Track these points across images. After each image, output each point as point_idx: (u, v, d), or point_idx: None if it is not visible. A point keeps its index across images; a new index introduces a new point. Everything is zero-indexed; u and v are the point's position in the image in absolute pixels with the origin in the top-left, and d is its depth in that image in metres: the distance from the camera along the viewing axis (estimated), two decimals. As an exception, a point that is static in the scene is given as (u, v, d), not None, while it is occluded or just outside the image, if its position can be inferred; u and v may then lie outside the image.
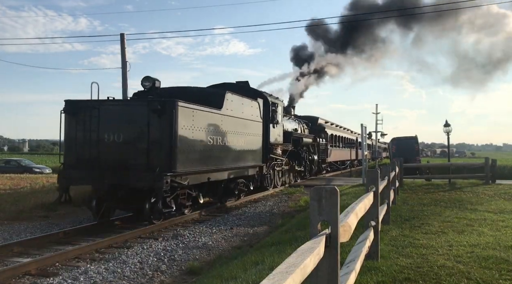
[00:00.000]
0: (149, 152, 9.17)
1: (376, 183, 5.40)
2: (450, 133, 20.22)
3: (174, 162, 9.20)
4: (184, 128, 9.58)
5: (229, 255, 7.49)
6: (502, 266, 5.07)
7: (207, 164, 10.75)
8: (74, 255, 7.16)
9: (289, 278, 1.71)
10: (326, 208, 2.52)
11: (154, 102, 9.21)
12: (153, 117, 9.16)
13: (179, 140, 9.30)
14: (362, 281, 4.47)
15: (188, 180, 9.84)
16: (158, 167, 8.84)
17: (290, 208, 13.30)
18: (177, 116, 9.21)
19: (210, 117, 11.01)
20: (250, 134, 13.74)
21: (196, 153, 10.17)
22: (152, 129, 9.20)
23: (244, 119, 13.25)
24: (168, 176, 8.91)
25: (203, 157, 10.48)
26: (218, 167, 11.38)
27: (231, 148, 12.23)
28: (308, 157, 22.62)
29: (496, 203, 11.16)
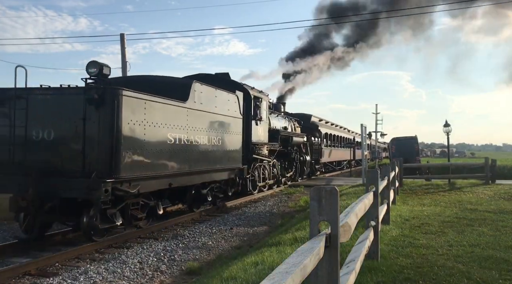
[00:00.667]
0: (85, 153, 7.47)
1: (376, 183, 5.40)
2: (450, 133, 20.23)
3: (117, 165, 7.48)
4: (132, 123, 7.87)
5: (229, 255, 7.50)
6: (502, 266, 5.08)
7: (168, 168, 9.04)
8: (74, 255, 7.15)
9: (289, 278, 1.71)
10: (326, 208, 2.52)
11: (91, 90, 7.54)
12: (90, 109, 7.49)
13: (123, 138, 7.61)
14: (362, 281, 4.47)
15: (139, 187, 8.11)
16: (95, 172, 7.21)
17: (290, 208, 13.31)
18: (120, 108, 7.51)
19: (171, 110, 9.19)
20: (226, 131, 11.97)
21: (151, 154, 8.42)
22: (89, 125, 7.51)
23: (218, 114, 11.44)
24: (108, 183, 7.24)
25: (161, 159, 8.77)
26: (183, 170, 9.60)
27: (201, 148, 10.45)
28: (300, 158, 21.06)
29: (496, 203, 11.16)
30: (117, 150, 7.52)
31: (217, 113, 11.46)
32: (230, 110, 12.28)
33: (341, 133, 34.79)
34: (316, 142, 25.05)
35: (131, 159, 7.88)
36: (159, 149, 8.72)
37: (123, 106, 7.59)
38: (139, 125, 8.10)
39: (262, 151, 15.56)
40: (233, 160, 12.48)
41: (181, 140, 9.51)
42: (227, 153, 12.07)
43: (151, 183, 8.59)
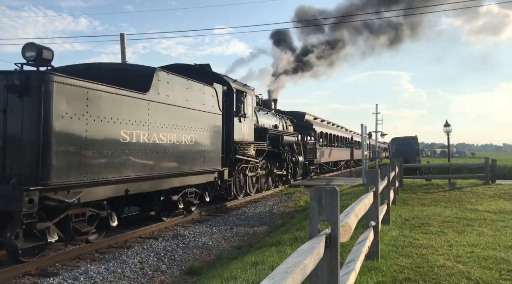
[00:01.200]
0: (5, 154, 6.19)
1: (376, 183, 5.40)
2: (450, 133, 20.22)
3: (46, 169, 6.12)
4: (69, 116, 6.46)
5: (229, 255, 7.50)
6: (502, 266, 5.08)
7: (123, 171, 7.62)
8: (74, 255, 7.16)
9: (289, 278, 1.71)
10: (326, 208, 2.52)
11: (12, 74, 6.17)
12: (12, 98, 6.15)
13: (55, 135, 6.23)
14: (362, 281, 4.48)
15: (80, 195, 6.75)
16: (15, 177, 5.91)
17: (290, 208, 13.31)
18: (51, 97, 6.15)
19: (126, 103, 7.72)
20: (201, 129, 10.43)
21: (97, 155, 6.97)
22: (10, 118, 6.20)
23: (190, 109, 9.90)
24: (33, 192, 5.93)
25: (112, 161, 7.34)
26: (144, 174, 8.23)
27: (168, 148, 9.05)
28: (292, 159, 19.56)
29: (496, 203, 11.17)
30: (45, 150, 6.11)
31: (189, 107, 9.87)
32: (206, 104, 10.71)
33: (338, 132, 33.36)
34: (310, 141, 24.00)
35: (68, 162, 6.43)
36: (108, 149, 7.27)
37: (55, 95, 6.20)
38: (78, 120, 6.63)
39: (248, 151, 14.24)
40: (210, 161, 10.96)
41: (139, 139, 8.09)
42: (203, 154, 10.58)
43: (99, 190, 7.14)
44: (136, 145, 8.02)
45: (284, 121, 19.67)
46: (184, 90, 9.76)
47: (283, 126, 19.26)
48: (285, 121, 19.80)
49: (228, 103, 12.63)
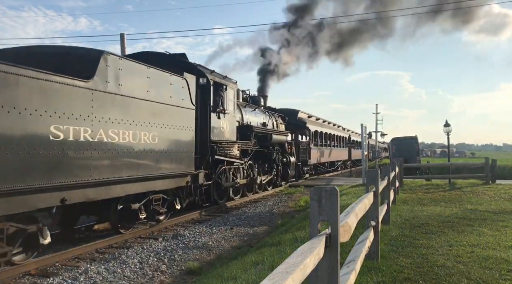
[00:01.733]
0: None
1: (376, 183, 5.40)
2: (450, 133, 20.23)
3: None
4: None
5: (229, 255, 7.50)
6: (502, 266, 5.08)
7: (54, 176, 6.19)
8: (74, 255, 7.15)
9: (289, 278, 1.71)
10: (326, 208, 2.52)
11: None
12: None
13: None
14: (362, 281, 4.48)
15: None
16: None
17: (290, 208, 13.31)
18: None
19: (57, 92, 6.25)
20: (167, 125, 8.96)
21: (12, 155, 5.54)
22: None
23: (152, 102, 8.42)
24: None
25: (37, 163, 5.90)
26: (87, 179, 6.80)
27: (122, 148, 7.62)
28: (282, 159, 18.09)
29: (496, 203, 11.16)
30: None
31: (151, 100, 8.38)
32: (175, 97, 9.23)
33: (334, 131, 31.62)
34: (304, 141, 22.79)
35: None
36: (31, 149, 5.82)
37: None
38: None
39: (231, 151, 12.86)
40: (180, 163, 9.47)
41: (79, 136, 6.64)
42: (170, 155, 9.12)
43: (16, 200, 5.69)
44: (74, 144, 6.54)
45: (274, 119, 18.33)
46: (144, 80, 8.23)
47: (273, 124, 17.87)
48: (275, 119, 18.45)
49: (204, 97, 11.20)
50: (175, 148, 9.38)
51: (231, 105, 12.86)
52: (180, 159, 9.56)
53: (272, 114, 18.50)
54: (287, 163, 18.53)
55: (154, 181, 8.69)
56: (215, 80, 11.79)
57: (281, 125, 19.12)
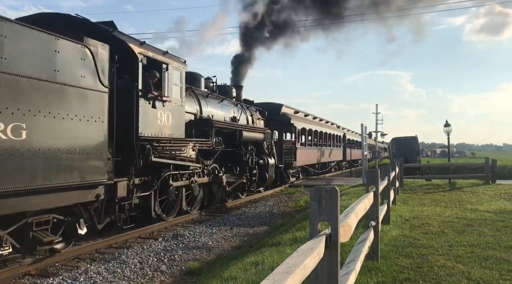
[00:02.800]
0: None
1: (376, 183, 5.40)
2: (450, 133, 20.23)
3: None
4: None
5: (229, 255, 7.50)
6: (502, 266, 5.08)
7: None
8: (74, 255, 7.15)
9: (289, 278, 1.71)
10: (326, 208, 2.52)
11: None
12: None
13: None
14: (362, 281, 4.47)
15: None
16: None
17: (290, 208, 13.31)
18: None
19: None
20: (48, 114, 6.13)
21: None
22: None
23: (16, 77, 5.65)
24: None
25: None
26: None
27: None
28: (259, 161, 15.03)
29: (496, 203, 11.16)
30: None
31: (15, 73, 5.64)
32: (65, 72, 6.44)
33: (326, 129, 28.21)
34: (287, 140, 20.14)
35: None
36: None
37: None
38: None
39: (182, 151, 10.05)
40: (82, 170, 6.72)
41: None
42: (60, 158, 6.31)
43: None
44: None
45: (249, 113, 15.46)
46: (13, 45, 5.64)
47: (248, 119, 15.07)
48: (250, 114, 15.57)
49: (128, 77, 8.35)
50: (68, 147, 6.47)
51: (177, 91, 9.72)
52: (80, 163, 6.71)
53: (248, 107, 15.73)
54: (264, 165, 15.37)
55: (35, 196, 5.98)
56: (147, 55, 8.71)
57: (259, 121, 16.34)
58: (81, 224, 7.19)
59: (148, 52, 8.84)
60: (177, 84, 9.83)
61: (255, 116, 15.98)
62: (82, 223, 7.22)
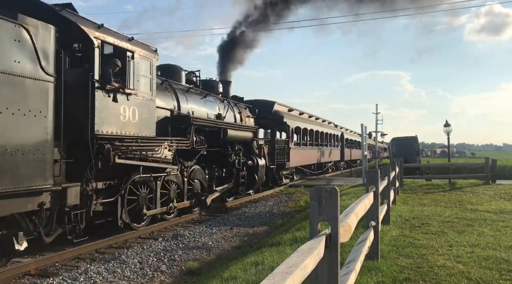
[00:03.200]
0: None
1: (376, 183, 5.40)
2: (450, 133, 20.23)
3: None
4: None
5: (229, 255, 7.50)
6: (502, 266, 5.08)
7: None
8: (74, 255, 7.15)
9: (289, 278, 1.71)
10: (326, 208, 2.52)
11: None
12: None
13: None
14: (362, 281, 4.47)
15: None
16: None
17: (290, 208, 13.31)
18: None
19: None
20: None
21: None
22: None
23: None
24: None
25: None
26: None
27: None
28: (247, 162, 13.95)
29: (496, 203, 11.16)
30: None
31: None
32: None
33: (323, 128, 26.99)
34: (280, 139, 18.99)
35: None
36: None
37: None
38: None
39: (155, 152, 9.00)
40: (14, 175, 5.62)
41: None
42: None
43: None
44: None
45: (237, 110, 14.29)
46: None
47: (235, 117, 13.91)
48: (239, 111, 14.40)
49: (82, 66, 7.47)
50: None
51: (146, 83, 8.59)
52: (14, 166, 5.60)
53: (235, 104, 14.60)
54: (253, 166, 14.30)
55: None
56: (107, 41, 7.65)
57: (249, 119, 15.14)
58: (19, 237, 5.88)
59: (108, 37, 7.68)
60: (146, 75, 8.64)
61: (244, 114, 14.80)
62: (22, 236, 5.93)
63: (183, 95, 10.95)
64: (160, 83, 9.95)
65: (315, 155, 24.46)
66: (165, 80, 10.46)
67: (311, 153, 23.69)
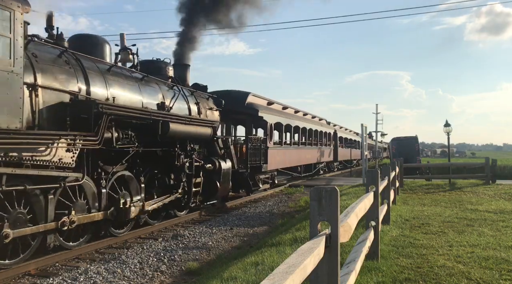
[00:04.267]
0: None
1: (376, 183, 5.40)
2: (450, 133, 20.24)
3: None
4: None
5: (229, 255, 7.49)
6: (502, 266, 5.08)
7: None
8: (74, 255, 7.15)
9: (289, 279, 1.71)
10: (326, 208, 2.51)
11: None
12: None
13: None
14: (362, 281, 4.47)
15: None
16: None
17: (290, 208, 13.31)
18: None
19: None
20: None
21: None
22: None
23: None
24: None
25: None
26: None
27: None
28: (204, 165, 11.18)
29: (496, 203, 11.16)
30: None
31: None
32: None
33: (311, 124, 23.78)
34: (256, 137, 15.74)
35: None
36: None
37: None
38: None
39: (42, 153, 6.33)
40: None
41: None
42: None
43: None
44: None
45: (193, 100, 11.48)
46: None
47: (190, 108, 11.13)
48: (195, 101, 11.56)
49: None
50: None
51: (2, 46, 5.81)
52: None
53: (192, 93, 11.72)
54: (214, 171, 11.53)
55: None
56: None
57: (211, 112, 12.48)
58: None
59: None
60: (2, 33, 5.80)
61: (203, 105, 11.96)
62: None
63: (99, 76, 8.06)
64: (56, 55, 7.25)
65: (301, 155, 21.33)
66: (66, 51, 7.55)
67: (296, 154, 20.56)
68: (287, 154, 19.09)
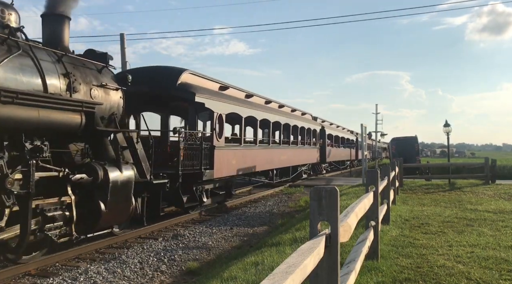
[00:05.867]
0: None
1: (376, 183, 5.40)
2: (450, 133, 20.23)
3: None
4: None
5: (229, 255, 7.50)
6: (502, 266, 5.08)
7: None
8: (74, 255, 7.15)
9: (289, 278, 1.71)
10: (326, 208, 2.52)
11: None
12: None
13: None
14: (362, 281, 4.47)
15: None
16: None
17: (290, 208, 13.31)
18: None
19: None
20: None
21: None
22: None
23: None
24: None
25: None
26: None
27: None
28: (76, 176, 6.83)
29: (496, 203, 11.16)
30: None
31: None
32: None
33: (289, 119, 19.51)
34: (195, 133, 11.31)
35: None
36: None
37: None
38: None
39: None
40: None
41: None
42: None
43: None
44: None
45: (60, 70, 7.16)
46: None
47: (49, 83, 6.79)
48: (64, 71, 7.22)
49: None
50: None
51: None
52: None
53: (59, 58, 7.28)
54: (95, 185, 7.20)
55: None
56: None
57: (97, 90, 7.97)
58: None
59: None
60: None
61: (85, 79, 7.76)
62: None
63: None
64: None
65: (273, 157, 17.26)
66: None
67: (265, 155, 16.37)
68: (248, 155, 14.63)
